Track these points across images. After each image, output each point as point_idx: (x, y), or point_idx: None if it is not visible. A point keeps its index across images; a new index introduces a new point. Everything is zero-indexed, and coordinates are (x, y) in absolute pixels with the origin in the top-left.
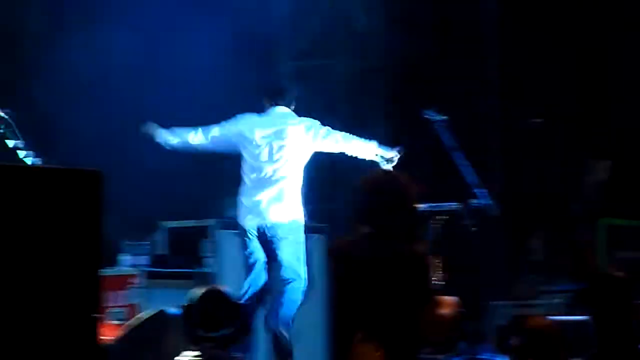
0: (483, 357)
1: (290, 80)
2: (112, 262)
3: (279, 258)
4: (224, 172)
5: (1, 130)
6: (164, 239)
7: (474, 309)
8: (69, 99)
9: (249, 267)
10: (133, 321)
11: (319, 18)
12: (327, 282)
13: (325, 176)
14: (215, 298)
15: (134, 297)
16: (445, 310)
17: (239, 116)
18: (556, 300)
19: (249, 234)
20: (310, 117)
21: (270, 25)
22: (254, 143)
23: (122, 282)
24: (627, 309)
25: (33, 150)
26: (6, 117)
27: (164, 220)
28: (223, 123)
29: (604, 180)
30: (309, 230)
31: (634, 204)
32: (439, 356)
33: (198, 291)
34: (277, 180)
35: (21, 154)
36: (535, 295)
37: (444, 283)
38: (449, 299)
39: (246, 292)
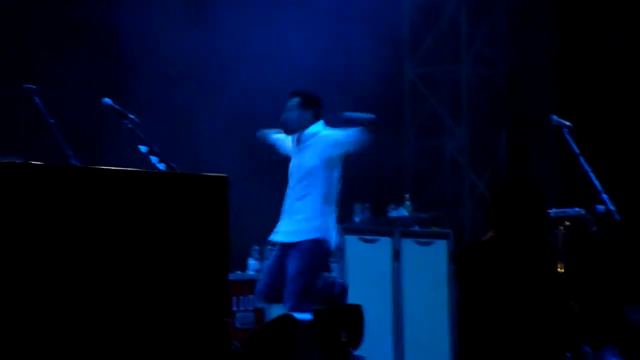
0: None
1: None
2: (240, 267)
3: None
4: (352, 177)
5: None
6: None
7: (600, 314)
8: (199, 104)
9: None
10: (260, 326)
11: (441, 24)
12: (453, 287)
13: (449, 182)
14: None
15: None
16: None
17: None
18: None
19: None
20: (435, 122)
21: (395, 32)
22: None
23: (248, 286)
24: None
25: (162, 156)
26: (136, 121)
27: None
28: None
29: None
30: (434, 235)
31: None
32: None
33: None
34: None
35: (153, 159)
36: None
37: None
38: (571, 304)
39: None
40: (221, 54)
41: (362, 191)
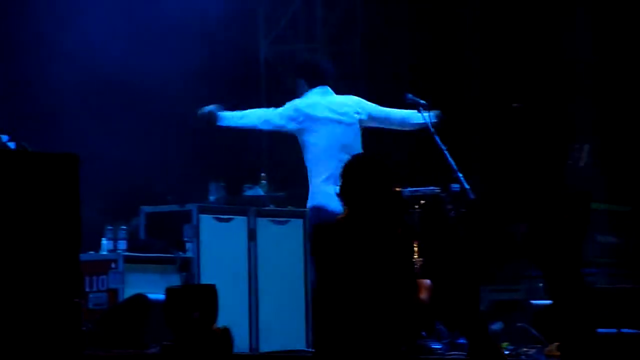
0: (464, 341)
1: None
2: (94, 247)
3: None
4: (207, 156)
5: None
6: (143, 224)
7: (454, 293)
8: (47, 83)
9: None
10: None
11: (296, 2)
12: (309, 266)
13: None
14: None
15: (114, 282)
16: (422, 294)
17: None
18: (538, 285)
19: None
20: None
21: (249, 12)
22: None
23: (102, 266)
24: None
25: (13, 135)
26: None
27: (146, 205)
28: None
29: (585, 164)
30: (290, 214)
31: (615, 188)
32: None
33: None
34: None
35: (3, 137)
36: (517, 280)
37: (420, 267)
38: (424, 282)
39: None
40: (69, 21)
41: (217, 170)
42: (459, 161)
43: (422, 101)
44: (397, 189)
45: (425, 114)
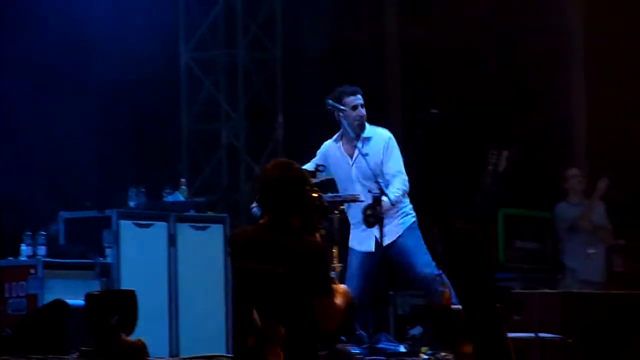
0: (383, 346)
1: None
2: (12, 253)
3: None
4: (126, 161)
5: None
6: (62, 229)
7: (374, 298)
8: None
9: None
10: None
11: (217, 8)
12: (228, 271)
13: (225, 167)
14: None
15: (33, 288)
16: (338, 300)
17: None
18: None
19: None
20: (211, 107)
21: (170, 16)
22: None
23: (21, 272)
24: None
25: None
26: None
27: (65, 210)
28: None
29: (503, 170)
30: (209, 220)
31: (532, 194)
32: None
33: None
34: None
35: None
36: None
37: (339, 273)
38: (339, 287)
39: None
40: None
41: (137, 175)
42: None
43: (341, 107)
44: (316, 195)
45: (345, 123)
